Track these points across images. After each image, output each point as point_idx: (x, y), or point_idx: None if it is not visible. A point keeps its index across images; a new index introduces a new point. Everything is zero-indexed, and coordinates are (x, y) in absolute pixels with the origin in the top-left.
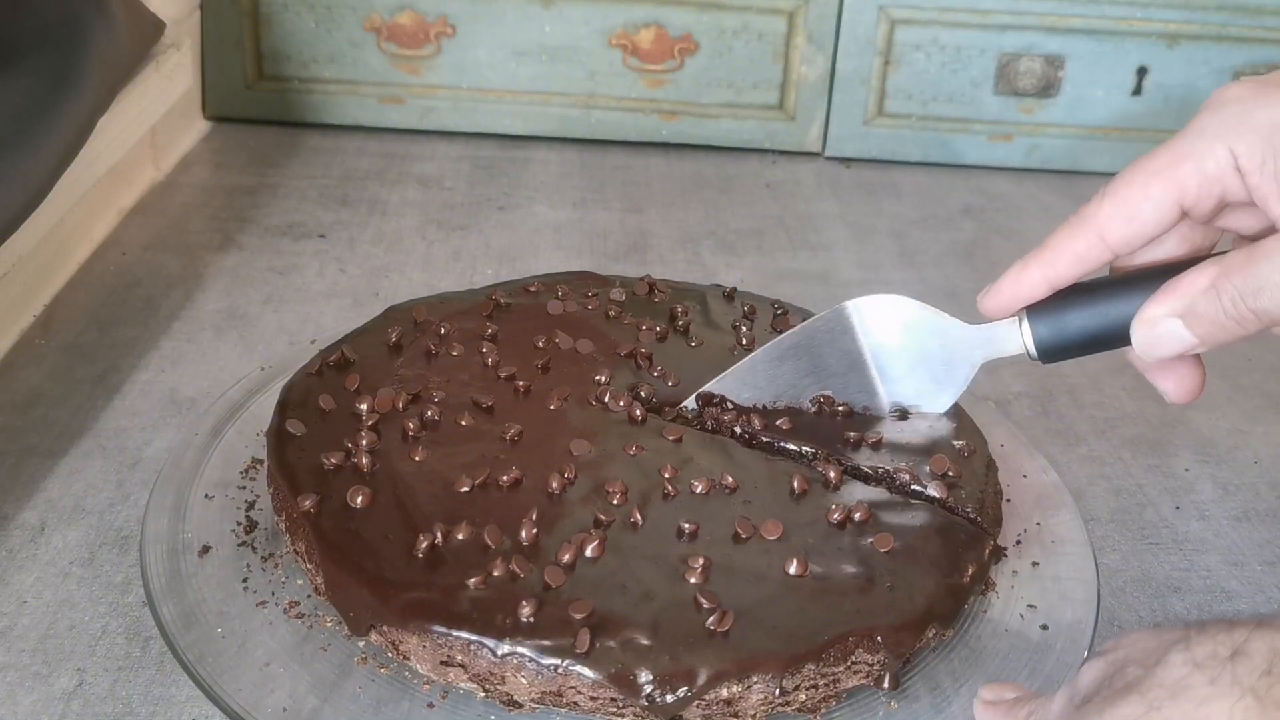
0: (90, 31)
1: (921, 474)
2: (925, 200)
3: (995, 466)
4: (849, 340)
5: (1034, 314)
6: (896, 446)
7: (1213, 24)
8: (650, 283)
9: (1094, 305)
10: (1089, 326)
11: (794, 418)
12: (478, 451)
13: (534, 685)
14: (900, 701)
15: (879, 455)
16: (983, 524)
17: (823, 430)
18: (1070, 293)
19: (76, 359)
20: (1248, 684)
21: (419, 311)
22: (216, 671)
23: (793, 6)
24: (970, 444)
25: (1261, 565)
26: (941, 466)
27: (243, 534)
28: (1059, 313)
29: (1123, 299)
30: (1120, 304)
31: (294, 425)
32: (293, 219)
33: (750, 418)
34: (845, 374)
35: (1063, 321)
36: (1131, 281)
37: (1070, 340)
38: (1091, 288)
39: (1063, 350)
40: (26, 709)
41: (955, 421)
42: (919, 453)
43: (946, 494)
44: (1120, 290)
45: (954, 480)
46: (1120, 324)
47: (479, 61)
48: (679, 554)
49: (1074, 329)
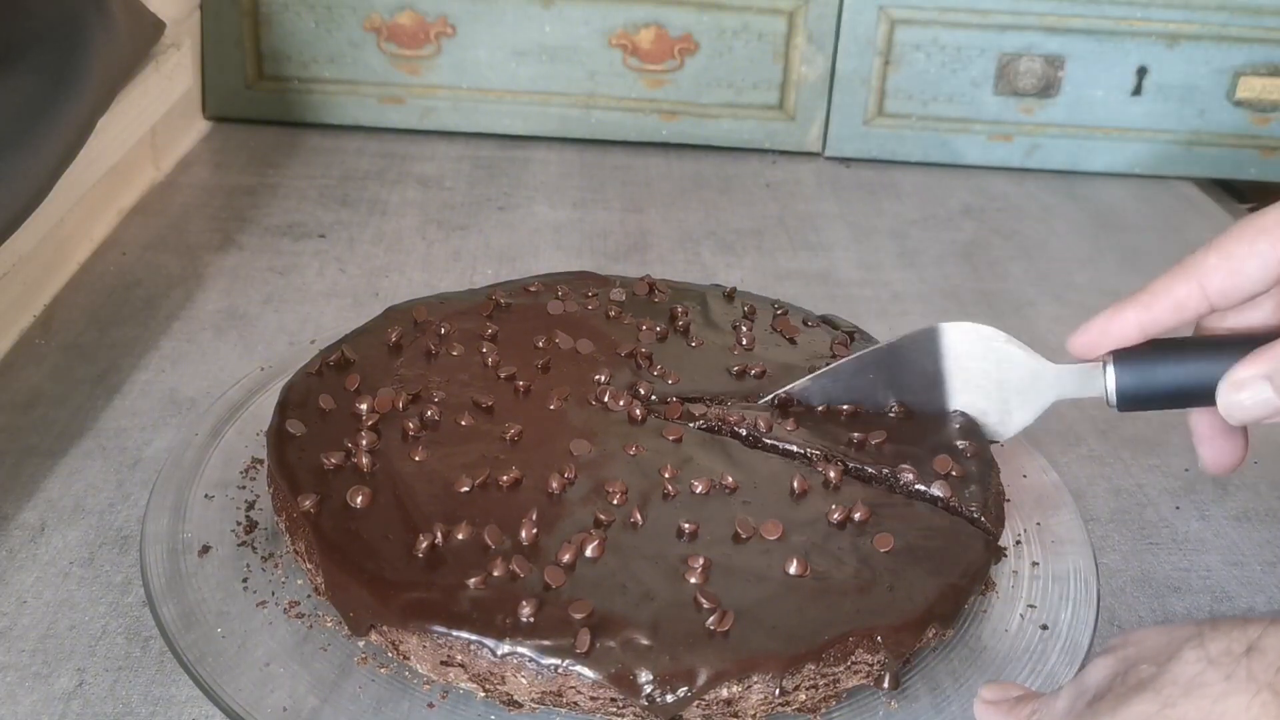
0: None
1: (925, 473)
2: (925, 200)
3: (997, 467)
4: (932, 360)
5: (1119, 361)
6: (900, 447)
7: (1213, 24)
8: (650, 283)
9: (1180, 360)
10: (1173, 380)
11: (800, 418)
12: (478, 451)
13: (534, 685)
14: (900, 701)
15: (882, 456)
16: (985, 524)
17: (828, 431)
18: (1155, 346)
19: (76, 359)
20: (1264, 680)
21: (419, 311)
22: (217, 672)
23: (793, 6)
24: (973, 444)
25: (1261, 565)
26: (945, 466)
27: (243, 534)
28: (1144, 362)
29: (1210, 359)
30: (1207, 363)
31: (294, 425)
32: (293, 219)
33: (756, 418)
34: (922, 391)
35: (1148, 372)
36: (1218, 344)
37: (1153, 391)
38: (1178, 344)
39: (1142, 400)
40: (26, 709)
41: (957, 422)
42: (922, 453)
43: (950, 494)
44: (1207, 350)
45: (957, 480)
46: (1204, 383)
47: (479, 61)
48: (679, 554)
49: (1159, 380)
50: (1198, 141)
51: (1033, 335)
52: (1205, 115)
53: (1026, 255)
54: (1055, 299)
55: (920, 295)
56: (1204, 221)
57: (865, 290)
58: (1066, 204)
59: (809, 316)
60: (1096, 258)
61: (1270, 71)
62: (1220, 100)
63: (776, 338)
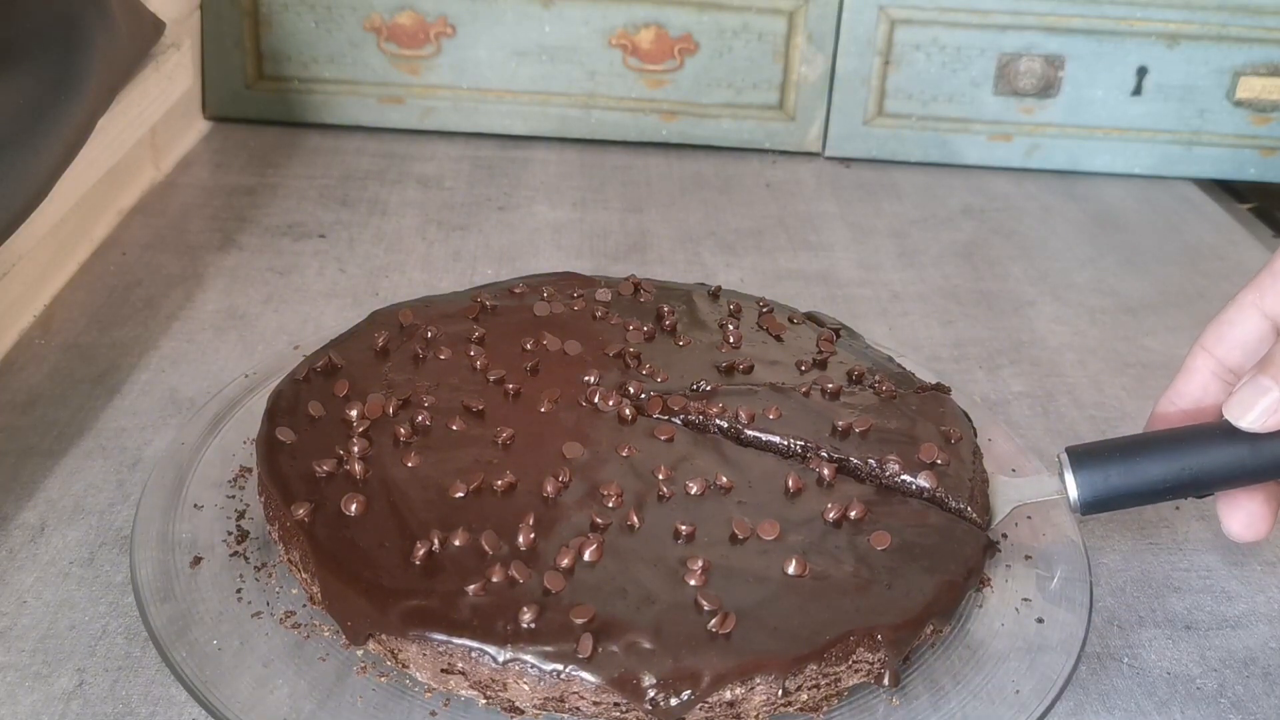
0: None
1: (910, 463)
2: (925, 200)
3: (980, 453)
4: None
5: (1077, 463)
6: (885, 433)
7: (1213, 24)
8: (635, 282)
9: (1142, 455)
10: (1137, 476)
11: (782, 404)
12: (470, 456)
13: (536, 691)
14: (900, 698)
15: (868, 444)
16: (971, 514)
17: (811, 418)
18: (1112, 445)
19: (76, 359)
20: None
21: (405, 315)
22: (213, 684)
23: (793, 6)
24: (956, 429)
25: (1261, 565)
26: (930, 455)
27: (234, 544)
28: (1102, 461)
29: (1171, 450)
30: (1169, 454)
31: (284, 433)
32: (293, 219)
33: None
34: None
35: (1107, 470)
36: (1177, 436)
37: (1116, 491)
38: (1136, 440)
39: (1105, 500)
40: (26, 709)
41: (942, 406)
42: (907, 439)
43: (935, 484)
44: (1167, 443)
45: (943, 469)
46: (1170, 474)
47: (479, 61)
48: (677, 556)
49: (1119, 480)
50: (1197, 142)
51: (1033, 335)
52: (1205, 115)
53: (1026, 255)
54: (1055, 299)
55: (920, 295)
56: (1204, 222)
57: (865, 290)
58: (1066, 204)
59: (794, 314)
60: (1096, 258)
61: (1270, 71)
62: (1220, 100)
63: (763, 335)
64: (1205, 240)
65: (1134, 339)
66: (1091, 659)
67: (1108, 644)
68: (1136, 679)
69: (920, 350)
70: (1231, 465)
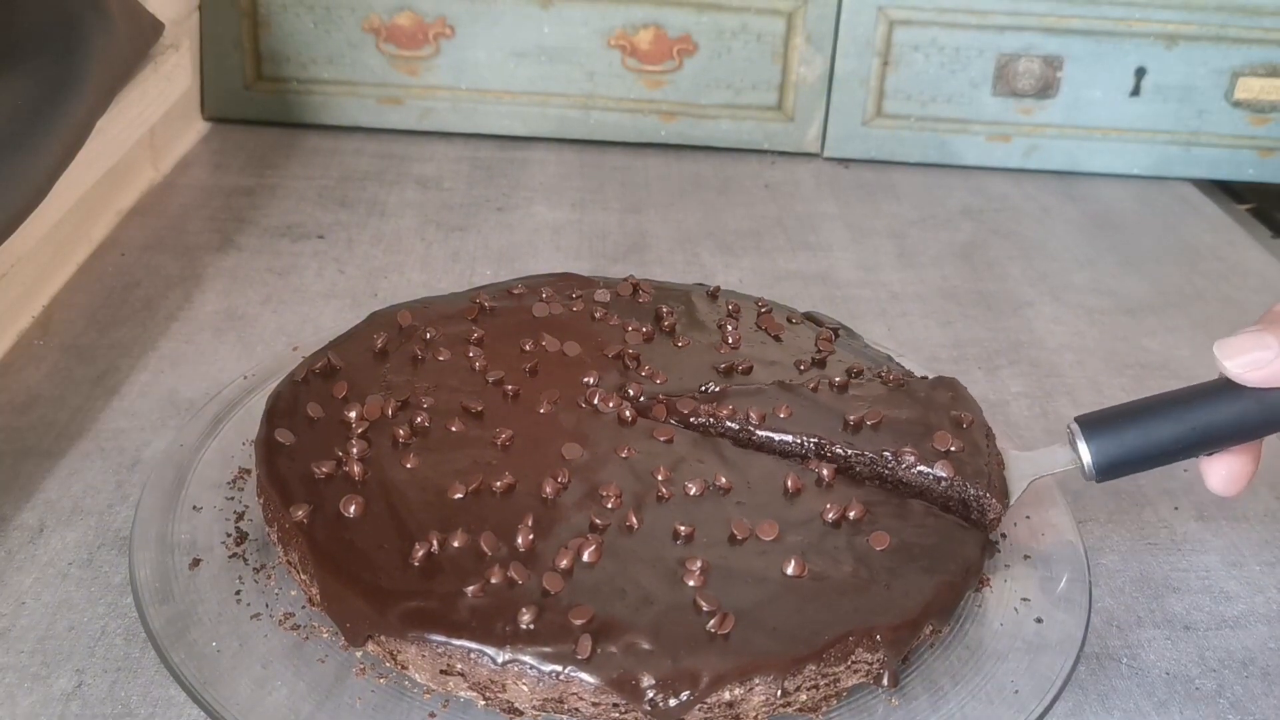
0: (89, 32)
1: (926, 454)
2: (924, 201)
3: (993, 434)
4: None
5: (1088, 431)
6: (897, 424)
7: (1212, 24)
8: (634, 283)
9: (1151, 417)
10: (1149, 437)
11: (791, 402)
12: (469, 457)
13: (535, 692)
14: (899, 698)
15: (881, 437)
16: (990, 499)
17: (821, 414)
18: (1121, 411)
19: (75, 360)
20: None
21: (403, 316)
22: (212, 685)
23: (791, 7)
24: (967, 413)
25: (1261, 565)
26: (945, 443)
27: (233, 545)
28: (1114, 428)
29: (1180, 408)
30: (1178, 413)
31: (283, 434)
32: (291, 220)
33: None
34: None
35: (1120, 436)
36: (1186, 395)
37: (1130, 454)
38: (1144, 404)
39: (1120, 465)
40: (26, 709)
41: (950, 391)
42: (920, 429)
43: (954, 472)
44: (1175, 403)
45: (958, 455)
46: (1180, 433)
47: (478, 62)
48: (676, 557)
49: (1133, 442)
50: (1196, 142)
51: (1031, 336)
52: (1203, 116)
53: (1025, 256)
54: (1054, 299)
55: (919, 295)
56: (1202, 222)
57: (864, 291)
58: (1065, 204)
59: (793, 314)
60: (1095, 258)
61: (1269, 72)
62: (1218, 101)
63: (761, 335)
64: (1204, 241)
65: (1132, 339)
66: (1090, 659)
67: (1106, 644)
68: (1135, 679)
69: (919, 350)
70: (1239, 421)
